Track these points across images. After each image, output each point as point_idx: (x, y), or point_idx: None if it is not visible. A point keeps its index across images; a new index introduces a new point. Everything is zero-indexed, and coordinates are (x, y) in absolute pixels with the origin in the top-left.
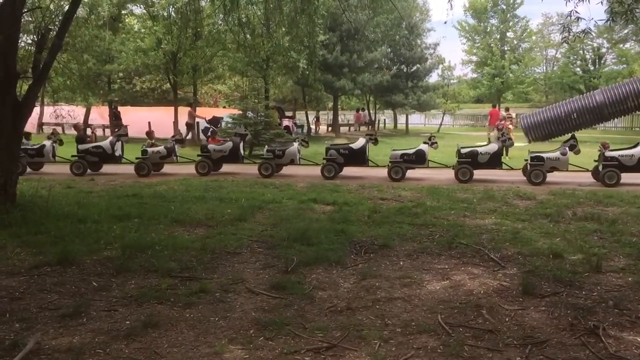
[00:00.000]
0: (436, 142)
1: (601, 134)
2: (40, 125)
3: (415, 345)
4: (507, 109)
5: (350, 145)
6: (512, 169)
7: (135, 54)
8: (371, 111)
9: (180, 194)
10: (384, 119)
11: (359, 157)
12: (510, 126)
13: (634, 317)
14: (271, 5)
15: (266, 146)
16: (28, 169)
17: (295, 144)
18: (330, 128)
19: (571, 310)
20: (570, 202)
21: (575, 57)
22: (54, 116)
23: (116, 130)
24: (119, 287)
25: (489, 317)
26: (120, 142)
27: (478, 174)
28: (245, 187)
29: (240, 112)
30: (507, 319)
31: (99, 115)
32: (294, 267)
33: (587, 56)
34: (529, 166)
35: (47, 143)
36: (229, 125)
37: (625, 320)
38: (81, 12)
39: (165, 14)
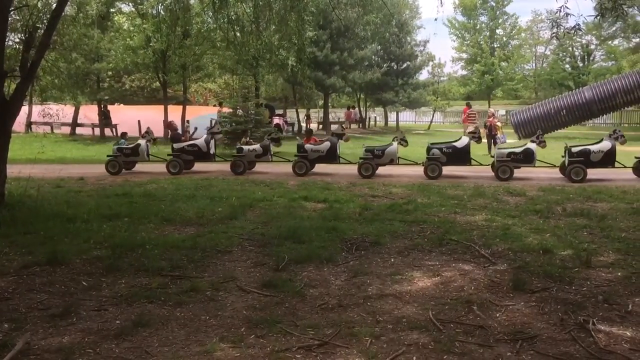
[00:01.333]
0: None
1: (590, 130)
2: (29, 124)
3: (406, 342)
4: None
5: (454, 143)
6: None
7: (125, 52)
8: (362, 109)
9: (170, 192)
10: (375, 117)
11: (462, 156)
12: (499, 124)
13: (624, 312)
14: (260, 3)
15: (365, 146)
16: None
17: (395, 144)
18: (321, 126)
19: (561, 306)
20: (560, 198)
21: (565, 54)
22: (41, 115)
23: (199, 129)
24: (109, 287)
25: (480, 313)
26: (213, 139)
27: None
28: (236, 186)
29: (230, 110)
30: (497, 315)
31: (83, 114)
32: (285, 265)
33: (576, 53)
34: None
35: (142, 142)
36: (220, 123)
37: (615, 315)
38: (69, 10)
39: (154, 12)
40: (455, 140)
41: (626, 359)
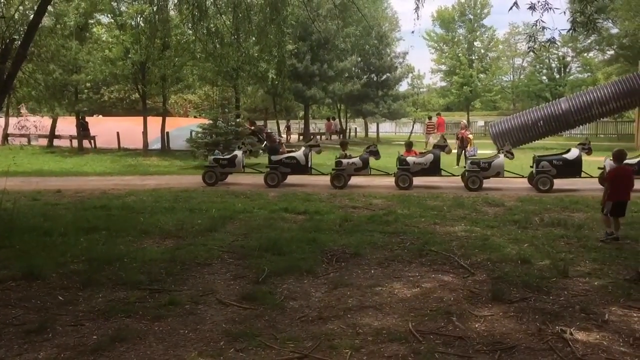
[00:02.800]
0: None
1: (567, 140)
2: (5, 136)
3: (386, 354)
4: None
5: (564, 155)
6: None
7: (103, 63)
8: (342, 120)
9: (149, 204)
10: (355, 128)
11: (573, 168)
12: (470, 136)
13: (600, 321)
14: (240, 15)
15: (469, 160)
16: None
17: (501, 156)
18: (301, 137)
19: (539, 315)
20: (538, 209)
21: (542, 65)
22: (18, 127)
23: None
24: (85, 301)
25: (459, 324)
26: (310, 152)
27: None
28: (216, 197)
29: (211, 121)
30: (476, 325)
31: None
32: (265, 277)
33: (553, 65)
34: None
35: (239, 153)
36: (199, 135)
37: (592, 324)
38: (47, 21)
39: (133, 23)
40: (565, 152)
41: None
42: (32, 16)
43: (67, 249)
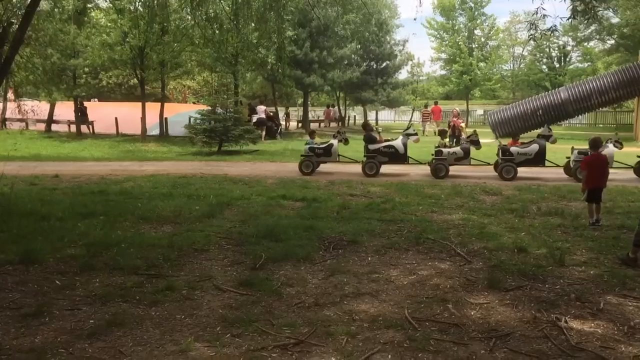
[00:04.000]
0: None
1: (566, 130)
2: (3, 121)
3: (382, 340)
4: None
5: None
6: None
7: (102, 48)
8: (341, 107)
9: (147, 190)
10: (354, 115)
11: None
12: (463, 124)
13: (595, 310)
14: (239, 1)
15: (574, 148)
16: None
17: (610, 145)
18: (300, 124)
19: (535, 304)
20: (535, 197)
21: (542, 55)
22: (16, 111)
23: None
24: (82, 286)
25: (455, 312)
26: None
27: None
28: (214, 184)
29: (209, 108)
30: (472, 313)
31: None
32: (262, 263)
33: (553, 54)
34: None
35: (334, 142)
36: (198, 121)
37: (587, 313)
38: (45, 5)
39: (131, 7)
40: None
41: (597, 356)
42: (29, 0)
43: (65, 234)
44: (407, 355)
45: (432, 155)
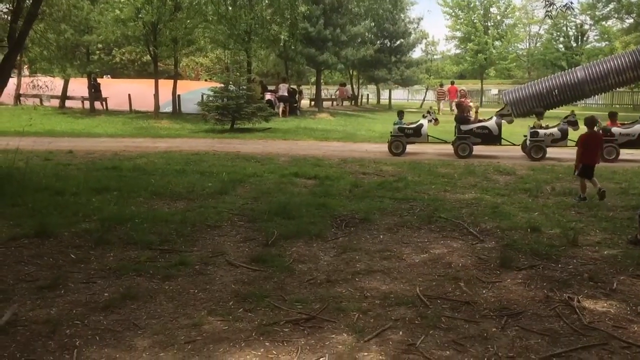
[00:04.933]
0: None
1: (582, 110)
2: (18, 96)
3: (393, 317)
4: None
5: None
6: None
7: (115, 24)
8: (354, 86)
9: (160, 167)
10: (367, 94)
11: None
12: (471, 104)
13: (608, 290)
14: None
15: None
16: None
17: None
18: (312, 103)
19: (547, 283)
20: (550, 178)
21: (558, 33)
22: (30, 87)
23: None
24: (97, 260)
25: (467, 290)
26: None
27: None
28: (227, 161)
29: (222, 85)
30: (484, 291)
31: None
32: (275, 240)
33: (570, 33)
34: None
35: (424, 122)
36: (211, 98)
37: (600, 293)
38: None
39: None
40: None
41: (610, 335)
42: None
43: (79, 209)
44: (419, 331)
45: (526, 136)
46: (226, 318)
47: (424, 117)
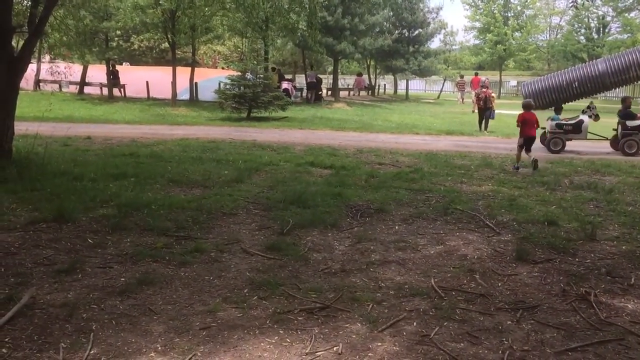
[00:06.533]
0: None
1: (602, 103)
2: (37, 82)
3: (407, 308)
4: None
5: None
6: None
7: (133, 10)
8: (371, 76)
9: (177, 154)
10: (384, 84)
11: None
12: (494, 95)
13: (626, 285)
14: None
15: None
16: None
17: (585, 116)
18: (329, 92)
19: (564, 277)
20: (568, 171)
21: (580, 25)
22: (49, 73)
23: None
24: (114, 245)
25: (482, 282)
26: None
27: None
28: (243, 150)
29: (239, 73)
30: (499, 284)
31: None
32: (290, 229)
33: (592, 25)
34: None
35: (585, 118)
36: (228, 86)
37: (617, 288)
38: None
39: None
40: None
41: (626, 330)
42: None
43: (97, 194)
44: (433, 323)
45: (616, 130)
46: (241, 305)
47: (583, 112)
